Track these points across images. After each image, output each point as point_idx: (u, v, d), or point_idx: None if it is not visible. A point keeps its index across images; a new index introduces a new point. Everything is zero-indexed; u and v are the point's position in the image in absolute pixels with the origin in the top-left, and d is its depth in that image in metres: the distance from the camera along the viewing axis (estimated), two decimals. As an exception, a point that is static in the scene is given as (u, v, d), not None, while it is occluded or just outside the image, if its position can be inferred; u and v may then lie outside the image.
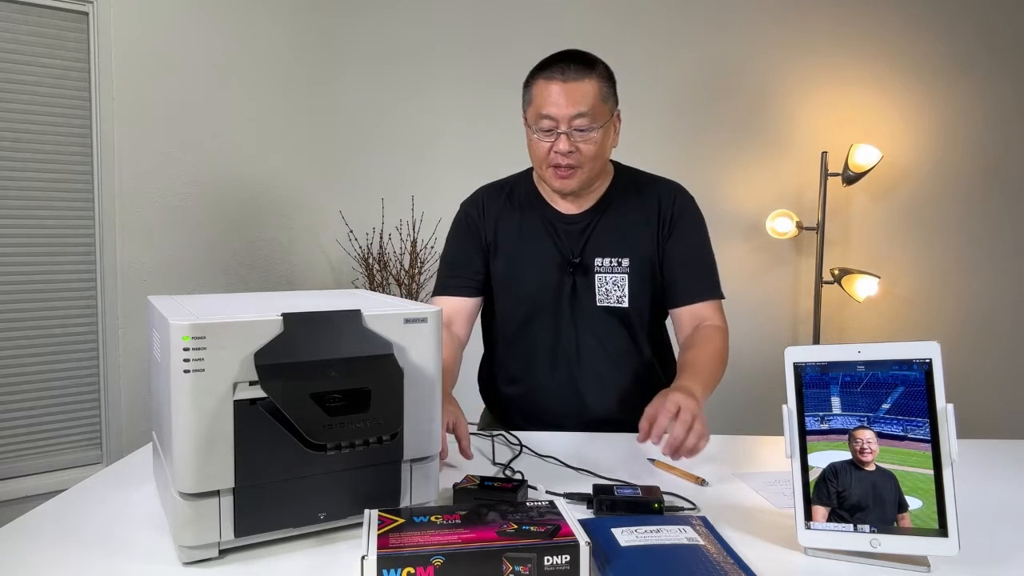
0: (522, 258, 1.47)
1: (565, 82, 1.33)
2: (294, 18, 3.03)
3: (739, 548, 0.84)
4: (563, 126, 1.34)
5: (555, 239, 1.46)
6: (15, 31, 2.44)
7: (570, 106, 1.33)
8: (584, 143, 1.35)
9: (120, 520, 0.92)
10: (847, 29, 2.93)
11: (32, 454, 2.54)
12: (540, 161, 1.40)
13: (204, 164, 2.82)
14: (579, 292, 1.44)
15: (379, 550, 0.72)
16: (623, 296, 1.43)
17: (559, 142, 1.34)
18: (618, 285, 1.43)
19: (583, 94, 1.33)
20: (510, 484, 1.00)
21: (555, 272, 1.45)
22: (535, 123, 1.37)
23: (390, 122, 3.17)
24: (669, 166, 3.02)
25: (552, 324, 1.45)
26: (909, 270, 2.96)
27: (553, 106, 1.34)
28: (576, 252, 1.44)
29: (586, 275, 1.44)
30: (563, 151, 1.34)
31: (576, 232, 1.45)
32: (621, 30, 3.01)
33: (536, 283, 1.45)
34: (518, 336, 1.49)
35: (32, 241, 2.50)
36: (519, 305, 1.47)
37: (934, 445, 0.80)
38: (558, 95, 1.33)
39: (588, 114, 1.33)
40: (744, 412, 2.99)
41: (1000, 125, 2.91)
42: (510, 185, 1.54)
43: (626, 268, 1.43)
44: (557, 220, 1.46)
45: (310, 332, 0.83)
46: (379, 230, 3.11)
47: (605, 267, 1.44)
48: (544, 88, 1.35)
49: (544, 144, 1.37)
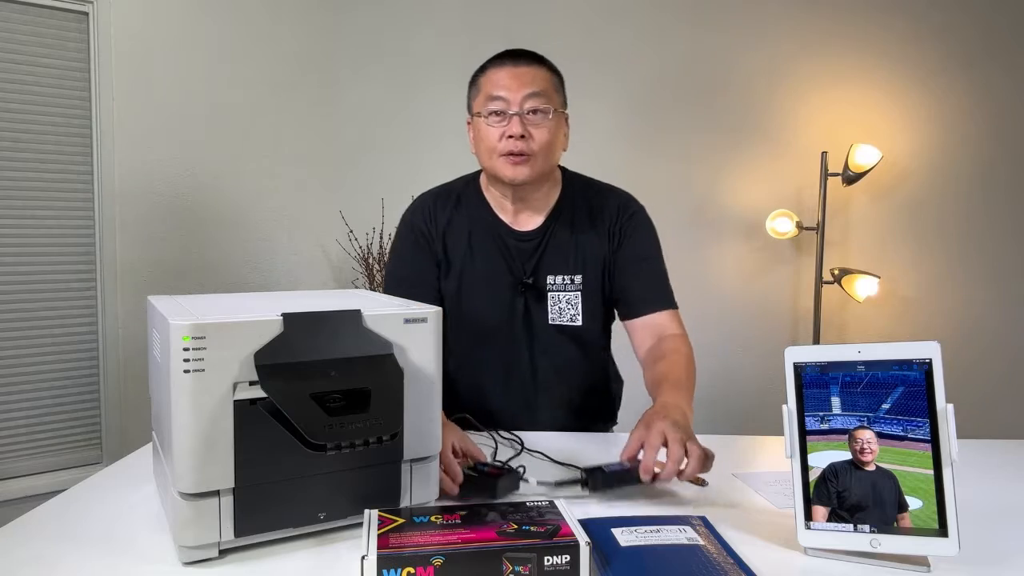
0: (472, 277, 1.40)
1: (516, 66, 1.30)
2: (294, 18, 3.03)
3: (739, 548, 0.84)
4: (515, 107, 1.28)
5: (506, 257, 1.40)
6: (15, 31, 2.44)
7: (523, 87, 1.28)
8: (537, 128, 1.29)
9: (120, 520, 0.92)
10: (847, 29, 2.93)
11: (32, 454, 2.54)
12: (490, 150, 1.32)
13: (204, 164, 2.82)
14: (532, 312, 1.39)
15: (379, 550, 0.72)
16: (576, 315, 1.39)
17: (511, 125, 1.28)
18: (571, 303, 1.39)
19: (535, 77, 1.30)
20: (500, 470, 1.00)
21: (507, 292, 1.39)
22: (484, 108, 1.31)
23: (390, 122, 3.17)
24: (669, 166, 3.05)
25: (505, 344, 1.41)
26: (909, 270, 2.96)
27: (504, 88, 1.29)
28: (528, 271, 1.39)
29: (539, 295, 1.39)
30: (516, 134, 1.28)
31: (528, 250, 1.39)
32: (620, 30, 3.01)
33: (487, 304, 1.40)
34: (469, 356, 1.43)
35: (32, 241, 2.50)
36: (470, 325, 1.41)
37: (934, 445, 0.80)
38: (509, 77, 1.29)
39: (542, 95, 1.29)
40: (744, 412, 2.99)
41: (1000, 125, 2.91)
42: (456, 192, 1.46)
43: (579, 285, 1.39)
44: (508, 236, 1.40)
45: (310, 332, 0.83)
46: (379, 230, 3.11)
47: (558, 285, 1.39)
48: (494, 74, 1.31)
49: (495, 130, 1.30)
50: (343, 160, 3.19)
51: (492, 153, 1.32)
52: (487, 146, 1.33)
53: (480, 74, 1.36)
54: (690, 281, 2.27)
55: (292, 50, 3.03)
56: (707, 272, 3.00)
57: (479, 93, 1.35)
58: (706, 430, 1.21)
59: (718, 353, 2.98)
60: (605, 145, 2.99)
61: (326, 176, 3.16)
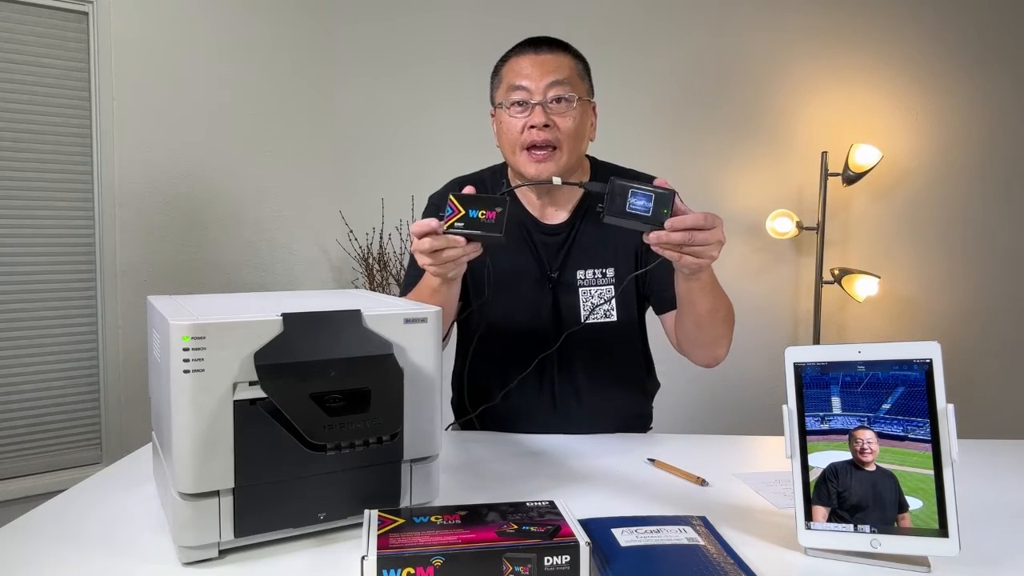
0: (498, 270, 1.32)
1: (538, 54, 1.26)
2: (294, 18, 3.03)
3: (739, 548, 0.84)
4: (537, 96, 1.24)
5: (533, 251, 1.34)
6: (15, 31, 2.44)
7: (545, 75, 1.24)
8: (561, 117, 1.24)
9: (120, 520, 0.92)
10: (847, 29, 2.93)
11: (32, 454, 2.54)
12: (512, 143, 1.27)
13: (204, 164, 2.82)
14: (562, 308, 1.33)
15: (379, 550, 0.71)
16: (611, 310, 1.33)
17: (534, 115, 1.23)
18: (604, 298, 1.33)
19: (558, 64, 1.26)
20: (494, 212, 1.00)
21: (533, 287, 1.34)
22: (506, 99, 1.26)
23: (390, 122, 3.17)
24: (669, 166, 3.04)
25: (535, 342, 1.33)
26: (909, 270, 2.96)
27: (526, 77, 1.24)
28: (555, 266, 1.33)
29: (568, 290, 1.33)
30: (539, 123, 1.23)
31: (555, 244, 1.34)
32: (620, 31, 3.01)
33: (514, 299, 1.33)
34: (495, 353, 1.36)
35: (32, 241, 2.50)
36: (496, 321, 1.34)
37: (934, 445, 0.80)
38: (531, 66, 1.25)
39: (566, 82, 1.24)
40: (744, 412, 2.99)
41: (1000, 125, 2.91)
42: (481, 181, 1.39)
43: (611, 279, 1.33)
44: (535, 229, 1.35)
45: (310, 332, 0.83)
46: (379, 230, 3.11)
47: (589, 280, 1.33)
48: (515, 63, 1.27)
49: (517, 121, 1.25)
50: (343, 160, 3.19)
51: (515, 146, 1.27)
52: (510, 139, 1.28)
53: (502, 64, 1.32)
54: (690, 281, 2.26)
55: (292, 50, 3.03)
56: (707, 272, 2.99)
57: (501, 83, 1.30)
58: (706, 430, 1.21)
59: (718, 353, 2.97)
60: (605, 146, 2.99)
61: (326, 176, 3.16)
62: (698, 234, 0.99)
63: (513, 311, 1.34)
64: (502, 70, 1.31)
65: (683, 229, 0.99)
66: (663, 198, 0.99)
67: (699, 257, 1.02)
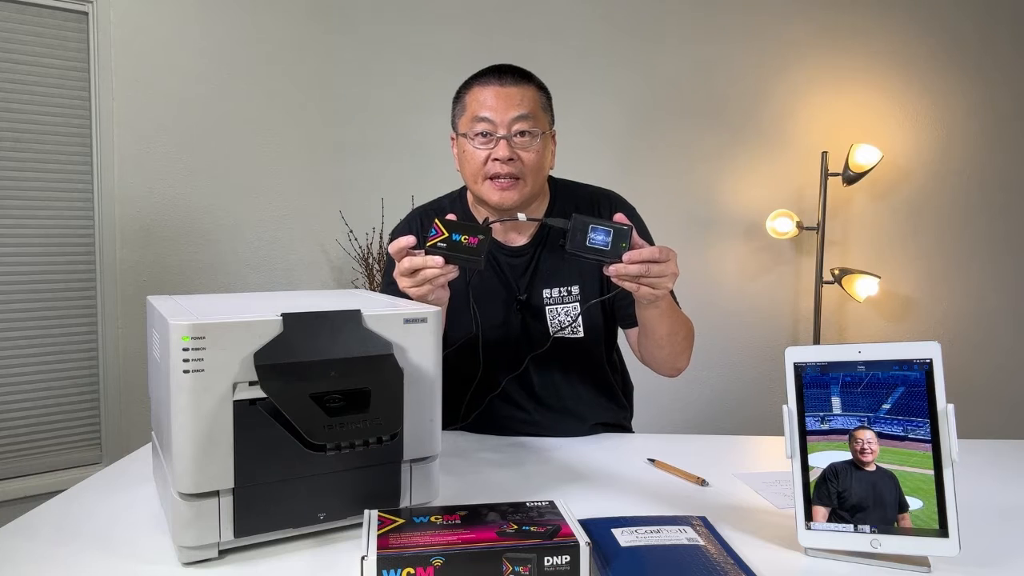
0: (466, 293, 1.34)
1: (503, 86, 1.27)
2: (294, 18, 3.03)
3: (739, 548, 0.84)
4: (502, 130, 1.25)
5: (499, 273, 1.36)
6: (15, 31, 2.44)
7: (510, 109, 1.25)
8: (525, 151, 1.26)
9: (120, 520, 0.92)
10: (847, 29, 2.93)
11: (32, 454, 2.54)
12: (475, 174, 1.28)
13: (203, 164, 2.82)
14: (530, 327, 1.36)
15: (379, 550, 0.71)
16: (577, 326, 1.36)
17: (498, 148, 1.25)
18: (570, 315, 1.35)
19: (522, 98, 1.26)
20: (476, 238, 1.04)
21: (501, 308, 1.36)
22: (470, 129, 1.27)
23: (390, 122, 3.17)
24: (669, 166, 3.05)
25: (507, 362, 1.35)
26: (909, 270, 2.96)
27: (491, 109, 1.25)
28: (522, 288, 1.36)
29: (536, 310, 1.36)
30: (503, 157, 1.24)
31: (520, 266, 1.36)
32: (621, 32, 3.01)
33: (484, 320, 1.35)
34: (470, 372, 1.37)
35: (32, 241, 2.50)
36: (468, 341, 1.35)
37: (934, 445, 0.80)
38: (496, 98, 1.25)
39: (530, 116, 1.26)
40: (744, 412, 2.99)
41: (1000, 124, 2.91)
42: (442, 209, 1.41)
43: (576, 296, 1.35)
44: (499, 252, 1.37)
45: (310, 332, 0.83)
46: (379, 230, 3.11)
47: (555, 298, 1.35)
48: (480, 92, 1.27)
49: (481, 153, 1.26)
50: (343, 160, 3.19)
51: (477, 176, 1.29)
52: (472, 168, 1.29)
53: (465, 91, 1.32)
54: (690, 281, 2.27)
55: (292, 50, 3.03)
56: (707, 272, 3.00)
57: (464, 112, 1.31)
58: (706, 430, 1.21)
59: (718, 353, 2.98)
60: (606, 145, 3.00)
61: (326, 176, 3.16)
62: (654, 266, 1.06)
63: (484, 331, 1.36)
64: (465, 97, 1.31)
65: (640, 262, 1.06)
66: (621, 233, 1.07)
67: (655, 288, 1.09)
